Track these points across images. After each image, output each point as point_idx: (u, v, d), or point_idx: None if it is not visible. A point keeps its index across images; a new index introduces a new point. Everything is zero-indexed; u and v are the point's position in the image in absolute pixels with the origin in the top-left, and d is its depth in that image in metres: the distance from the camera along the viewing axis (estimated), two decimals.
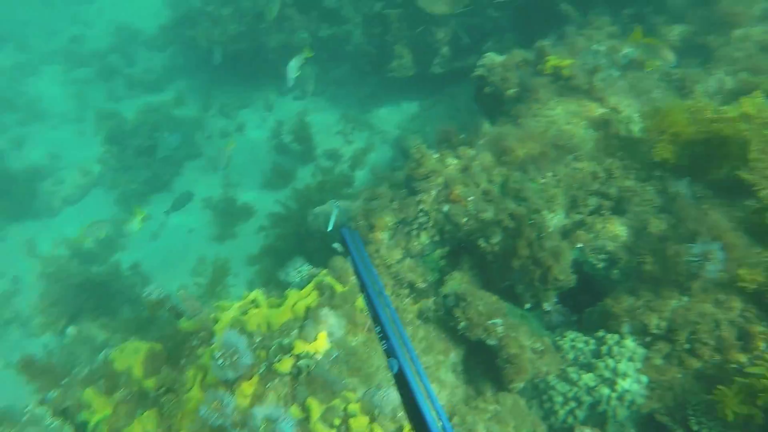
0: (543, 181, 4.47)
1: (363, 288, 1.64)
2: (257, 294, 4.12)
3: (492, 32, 7.96)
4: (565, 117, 4.99)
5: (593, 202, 4.44)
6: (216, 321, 3.90)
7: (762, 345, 3.26)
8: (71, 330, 7.27)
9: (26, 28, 16.29)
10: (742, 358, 3.29)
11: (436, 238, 4.59)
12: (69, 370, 3.77)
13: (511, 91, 5.35)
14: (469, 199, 4.42)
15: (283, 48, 9.74)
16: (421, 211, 4.52)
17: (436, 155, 4.99)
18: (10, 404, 3.63)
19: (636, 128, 4.58)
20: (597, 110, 4.97)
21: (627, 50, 5.41)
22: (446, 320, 4.04)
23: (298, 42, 9.85)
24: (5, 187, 10.52)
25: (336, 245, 4.54)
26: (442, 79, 8.84)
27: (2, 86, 13.76)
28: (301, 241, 6.83)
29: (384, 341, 1.46)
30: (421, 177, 4.61)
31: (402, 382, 1.36)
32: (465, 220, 4.39)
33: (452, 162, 4.84)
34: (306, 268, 5.09)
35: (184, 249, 8.58)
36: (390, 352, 1.42)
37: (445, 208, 4.48)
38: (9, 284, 8.88)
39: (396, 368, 1.39)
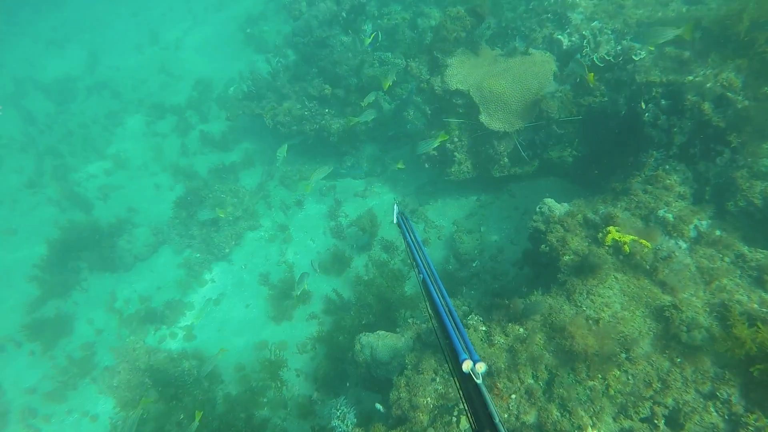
0: (591, 384, 4.31)
1: (414, 262, 2.44)
2: None
3: (556, 144, 7.76)
4: (621, 300, 4.77)
5: (645, 410, 4.22)
6: None
7: None
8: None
9: (119, 73, 17.78)
10: None
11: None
12: None
13: (567, 258, 5.18)
14: (512, 396, 4.35)
15: (344, 131, 9.98)
16: None
17: (484, 328, 4.95)
18: None
19: (699, 336, 4.29)
20: (659, 296, 4.71)
21: (698, 221, 5.08)
22: None
23: (361, 126, 10.06)
24: (93, 239, 11.55)
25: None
26: (501, 179, 8.72)
27: (95, 135, 15.11)
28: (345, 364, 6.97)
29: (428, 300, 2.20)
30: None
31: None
32: (506, 416, 4.32)
33: (499, 341, 4.78)
34: (350, 417, 5.22)
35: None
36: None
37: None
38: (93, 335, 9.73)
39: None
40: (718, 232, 5.05)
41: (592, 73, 6.29)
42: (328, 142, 10.24)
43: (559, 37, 7.85)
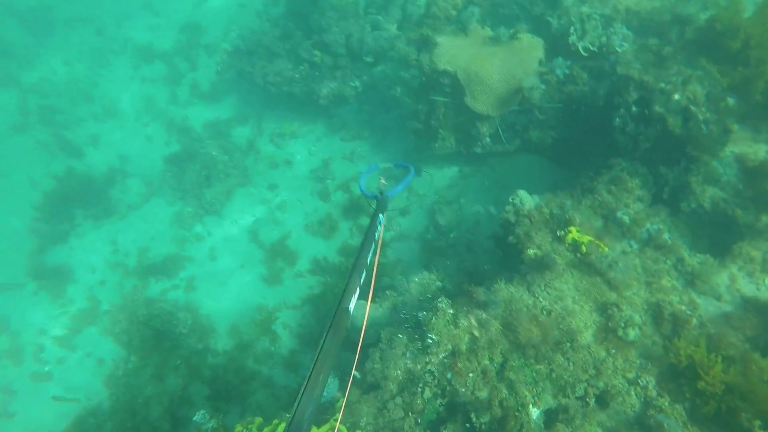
0: (538, 367, 5.04)
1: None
2: None
3: (535, 128, 8.09)
4: (574, 294, 5.41)
5: (580, 390, 4.99)
6: None
7: None
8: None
9: (100, 5, 17.01)
10: None
11: (439, 393, 5.32)
12: None
13: (531, 252, 5.75)
14: (470, 375, 5.08)
15: (335, 96, 10.12)
16: (429, 372, 5.23)
17: (451, 311, 5.60)
18: None
19: (632, 333, 4.99)
20: (606, 294, 5.36)
21: (650, 225, 5.64)
22: None
23: (350, 90, 10.19)
24: (87, 187, 11.84)
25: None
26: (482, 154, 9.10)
27: (80, 75, 14.82)
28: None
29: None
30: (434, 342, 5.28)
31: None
32: (463, 390, 5.07)
33: (463, 324, 5.44)
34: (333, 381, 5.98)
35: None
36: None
37: (449, 375, 5.17)
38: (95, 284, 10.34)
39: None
40: (666, 236, 5.62)
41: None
42: (318, 104, 10.38)
43: (549, 18, 7.93)
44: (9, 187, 12.13)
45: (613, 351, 5.02)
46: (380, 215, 3.67)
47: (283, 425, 5.17)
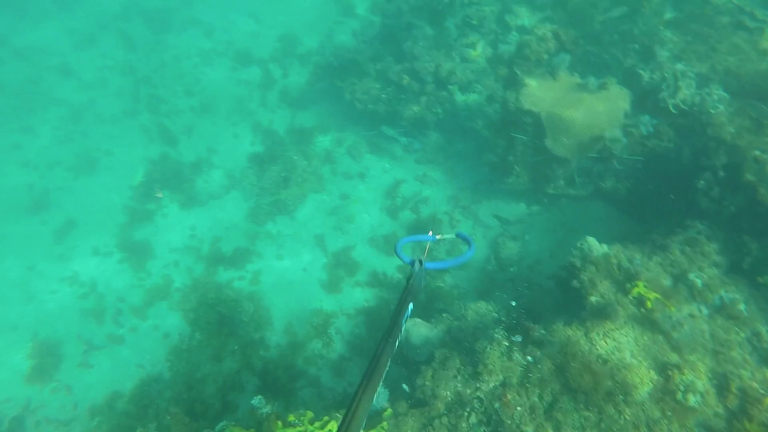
0: (587, 414, 5.08)
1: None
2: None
3: (611, 177, 8.09)
4: (633, 348, 5.41)
5: None
6: None
7: None
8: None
9: (211, 10, 18.65)
10: None
11: (484, 420, 5.46)
12: None
13: (593, 299, 5.81)
14: (518, 408, 5.20)
15: (416, 119, 10.57)
16: (477, 398, 5.40)
17: (506, 343, 5.75)
18: None
19: (692, 399, 4.92)
20: (667, 354, 5.31)
21: (724, 293, 5.54)
22: None
23: (431, 116, 10.61)
24: (176, 172, 12.96)
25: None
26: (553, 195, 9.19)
27: (186, 70, 16.29)
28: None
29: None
30: (486, 370, 5.45)
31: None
32: (509, 422, 5.20)
33: (517, 358, 5.58)
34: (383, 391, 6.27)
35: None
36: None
37: (497, 405, 5.31)
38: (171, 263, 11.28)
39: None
40: (741, 307, 5.50)
41: None
42: (399, 124, 10.87)
43: (641, 71, 7.97)
44: (114, 165, 13.50)
45: (669, 414, 4.97)
46: (410, 303, 2.57)
47: (332, 423, 5.50)
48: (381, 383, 2.11)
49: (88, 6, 19.51)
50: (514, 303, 7.05)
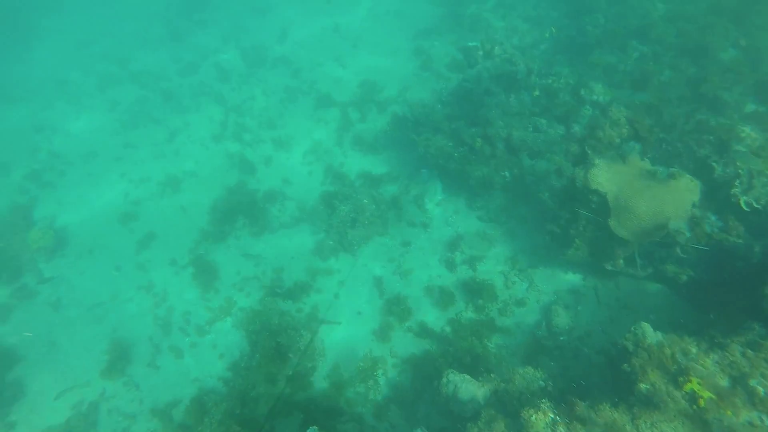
0: None
1: None
2: None
3: (673, 263, 8.19)
4: None
5: None
6: None
7: None
8: None
9: (301, 50, 20.30)
10: None
11: None
12: None
13: (643, 386, 5.97)
14: None
15: (484, 180, 11.09)
16: None
17: (551, 415, 5.99)
18: None
19: None
20: None
21: None
22: None
23: (499, 179, 11.11)
24: (252, 199, 14.11)
25: None
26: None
27: (272, 105, 17.77)
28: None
29: None
30: None
31: None
32: None
33: (561, 431, 5.80)
34: None
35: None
36: None
37: None
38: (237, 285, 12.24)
39: None
40: None
41: None
42: (466, 183, 11.44)
43: (713, 164, 8.14)
44: (198, 187, 14.90)
45: None
46: None
47: None
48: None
49: (195, 39, 21.85)
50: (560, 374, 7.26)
